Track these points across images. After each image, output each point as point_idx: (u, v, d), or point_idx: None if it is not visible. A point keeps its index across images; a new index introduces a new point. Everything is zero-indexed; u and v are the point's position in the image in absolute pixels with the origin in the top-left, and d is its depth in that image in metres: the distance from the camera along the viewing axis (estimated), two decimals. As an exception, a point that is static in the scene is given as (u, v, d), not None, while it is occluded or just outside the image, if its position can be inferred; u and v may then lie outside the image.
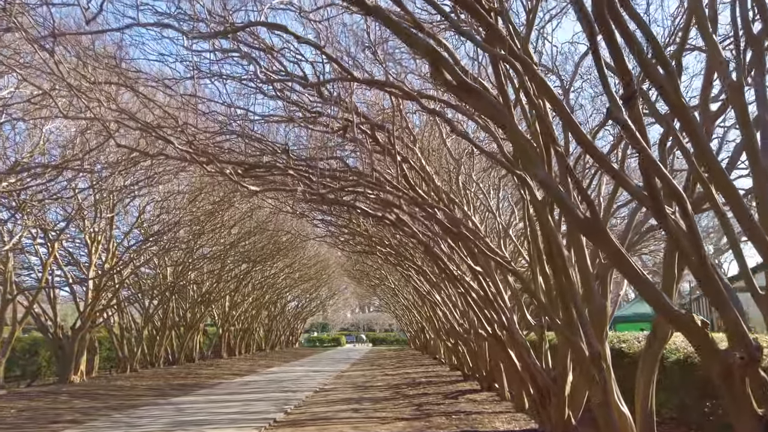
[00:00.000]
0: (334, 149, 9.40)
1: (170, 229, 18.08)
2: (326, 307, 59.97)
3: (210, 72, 7.99)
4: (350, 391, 16.29)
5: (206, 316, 29.60)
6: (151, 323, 23.90)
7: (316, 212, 15.48)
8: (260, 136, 8.77)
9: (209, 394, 15.81)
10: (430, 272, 14.94)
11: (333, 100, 8.35)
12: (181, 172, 17.08)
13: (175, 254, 24.73)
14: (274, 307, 43.25)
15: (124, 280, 20.13)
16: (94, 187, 15.17)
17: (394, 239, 14.84)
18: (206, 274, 26.90)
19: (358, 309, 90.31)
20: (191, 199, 18.24)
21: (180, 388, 17.15)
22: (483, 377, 15.81)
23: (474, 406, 12.72)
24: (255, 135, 8.49)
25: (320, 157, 9.01)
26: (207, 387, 17.62)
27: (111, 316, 21.39)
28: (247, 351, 38.73)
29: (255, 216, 21.56)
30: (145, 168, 16.27)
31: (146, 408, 12.96)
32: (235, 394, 15.79)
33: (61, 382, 17.74)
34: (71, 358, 17.70)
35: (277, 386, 17.78)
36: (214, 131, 8.20)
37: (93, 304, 17.99)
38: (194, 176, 18.25)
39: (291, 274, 36.48)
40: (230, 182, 13.03)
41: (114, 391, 16.19)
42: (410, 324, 43.70)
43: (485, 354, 16.13)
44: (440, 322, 20.99)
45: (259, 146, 8.90)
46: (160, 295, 23.29)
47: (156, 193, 18.25)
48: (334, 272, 43.11)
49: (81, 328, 17.98)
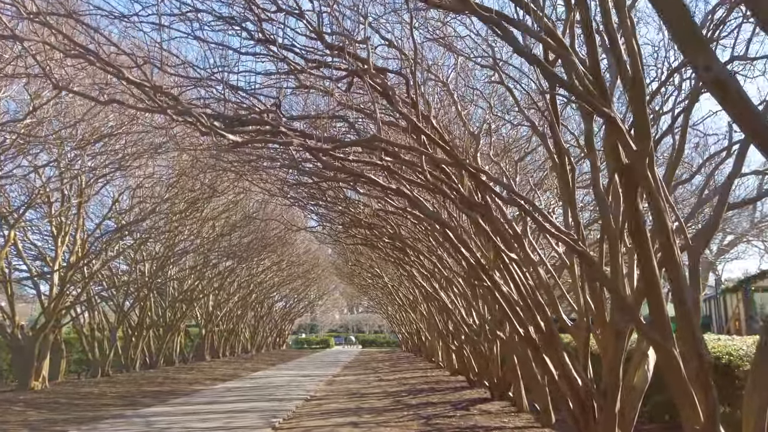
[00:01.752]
0: (336, 109, 7.65)
1: (144, 218, 16.21)
2: (315, 307, 58.14)
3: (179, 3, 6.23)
4: (345, 400, 14.54)
5: (188, 315, 27.63)
6: (126, 322, 21.94)
7: (309, 200, 13.74)
8: (247, 90, 7.02)
9: (186, 404, 13.96)
10: (439, 266, 13.24)
11: (338, 47, 6.62)
12: (157, 155, 15.27)
13: (153, 247, 22.82)
14: (261, 307, 41.33)
15: (94, 274, 18.18)
16: (59, 163, 13.25)
17: (399, 228, 13.15)
18: (188, 270, 24.95)
19: (346, 310, 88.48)
20: (170, 185, 16.38)
21: (154, 396, 15.28)
22: (495, 385, 14.13)
23: (491, 420, 11.04)
24: (238, 87, 6.75)
25: (323, 116, 7.28)
26: (184, 395, 15.76)
27: (80, 315, 19.42)
28: (232, 353, 36.78)
29: (241, 206, 19.74)
30: (117, 149, 14.44)
31: (110, 421, 11.11)
32: (215, 403, 13.96)
33: (21, 388, 15.79)
34: (31, 361, 15.75)
35: (263, 394, 15.98)
36: (185, 77, 6.44)
37: (57, 300, 16.05)
38: (173, 159, 16.42)
39: (279, 272, 34.64)
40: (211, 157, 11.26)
41: (78, 400, 14.29)
42: (403, 325, 42.02)
43: (497, 358, 14.49)
44: (444, 323, 19.31)
45: (241, 103, 7.16)
46: (137, 292, 21.34)
47: (131, 178, 16.39)
48: (323, 271, 41.30)
49: (43, 327, 16.04)
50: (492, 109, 10.57)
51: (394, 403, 13.95)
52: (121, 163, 13.67)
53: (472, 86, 10.96)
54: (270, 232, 25.02)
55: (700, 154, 12.44)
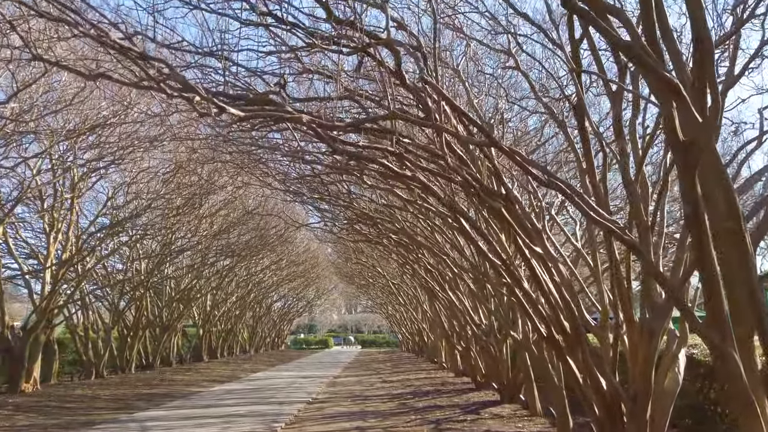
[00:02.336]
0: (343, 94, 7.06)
1: (140, 214, 15.58)
2: (314, 307, 57.51)
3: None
4: (349, 403, 13.96)
5: (185, 315, 27.00)
6: (121, 322, 21.30)
7: (312, 195, 13.16)
8: (249, 68, 6.43)
9: (182, 407, 13.37)
10: (447, 263, 12.67)
11: (347, 21, 6.05)
12: (153, 147, 14.66)
13: (150, 245, 22.21)
14: (260, 307, 40.70)
15: (88, 272, 17.55)
16: (51, 155, 12.62)
17: (405, 223, 12.58)
18: (185, 269, 24.31)
19: (344, 310, 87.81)
20: (166, 180, 15.76)
21: (149, 399, 14.67)
22: (504, 387, 13.56)
23: (504, 425, 10.48)
24: (239, 63, 6.17)
25: (332, 98, 6.68)
26: (181, 397, 15.16)
27: (73, 314, 18.79)
28: (230, 354, 36.14)
29: (240, 202, 19.10)
30: (111, 142, 13.83)
31: (102, 427, 10.51)
32: (213, 406, 13.37)
33: (11, 391, 15.17)
34: (22, 363, 15.12)
35: (263, 396, 15.38)
36: (182, 51, 5.86)
37: (50, 299, 15.43)
38: (170, 153, 15.81)
39: (278, 272, 34.03)
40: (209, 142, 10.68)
41: (70, 403, 13.69)
42: (403, 325, 41.44)
43: (507, 359, 13.92)
44: (450, 322, 18.74)
45: (243, 84, 6.58)
46: (132, 291, 20.69)
47: (126, 172, 15.75)
48: (323, 270, 40.70)
49: (35, 327, 15.42)
50: (506, 95, 10.00)
51: (400, 407, 13.38)
52: (115, 155, 13.05)
53: (484, 72, 10.39)
54: (269, 230, 24.43)
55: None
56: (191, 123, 12.03)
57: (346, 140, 6.31)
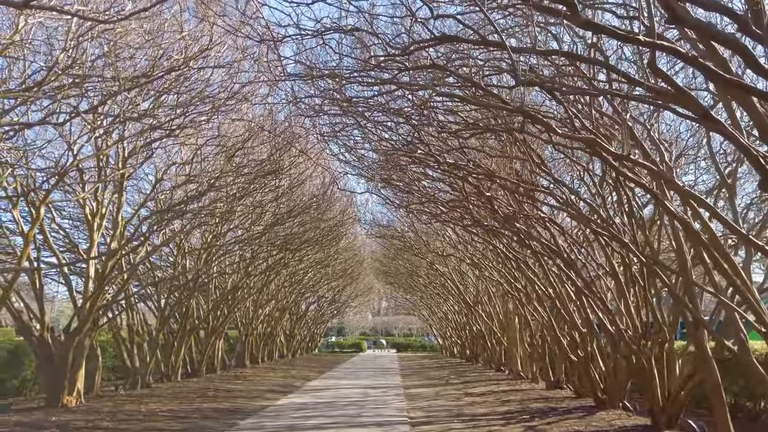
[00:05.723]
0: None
1: (200, 195, 13.07)
2: (348, 309, 54.98)
3: None
4: (460, 425, 11.39)
5: (231, 318, 24.57)
6: (166, 326, 18.89)
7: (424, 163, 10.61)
8: None
9: (261, 428, 10.85)
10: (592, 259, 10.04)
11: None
12: (216, 116, 12.19)
13: (197, 238, 19.84)
14: (298, 309, 38.26)
15: (137, 266, 15.11)
16: (95, 114, 10.14)
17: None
18: (234, 265, 21.84)
19: (370, 314, 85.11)
20: (230, 156, 13.27)
21: (215, 417, 12.16)
22: (660, 409, 10.82)
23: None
24: None
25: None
26: (252, 414, 12.62)
27: (118, 315, 16.39)
28: (270, 358, 33.72)
29: (309, 184, 16.56)
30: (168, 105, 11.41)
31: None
32: (299, 429, 10.83)
33: (51, 405, 12.75)
34: (64, 372, 12.72)
35: (347, 414, 12.81)
36: None
37: (95, 297, 13.01)
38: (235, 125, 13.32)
39: (321, 269, 31.54)
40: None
41: (126, 423, 11.20)
42: (454, 328, 38.78)
43: (664, 372, 11.19)
44: (561, 327, 16.07)
45: None
46: (180, 290, 18.25)
47: (185, 146, 13.29)
48: (367, 267, 38.20)
49: (78, 330, 13.02)
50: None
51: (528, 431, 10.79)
52: (182, 121, 10.56)
53: None
54: (326, 222, 21.87)
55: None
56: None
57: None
